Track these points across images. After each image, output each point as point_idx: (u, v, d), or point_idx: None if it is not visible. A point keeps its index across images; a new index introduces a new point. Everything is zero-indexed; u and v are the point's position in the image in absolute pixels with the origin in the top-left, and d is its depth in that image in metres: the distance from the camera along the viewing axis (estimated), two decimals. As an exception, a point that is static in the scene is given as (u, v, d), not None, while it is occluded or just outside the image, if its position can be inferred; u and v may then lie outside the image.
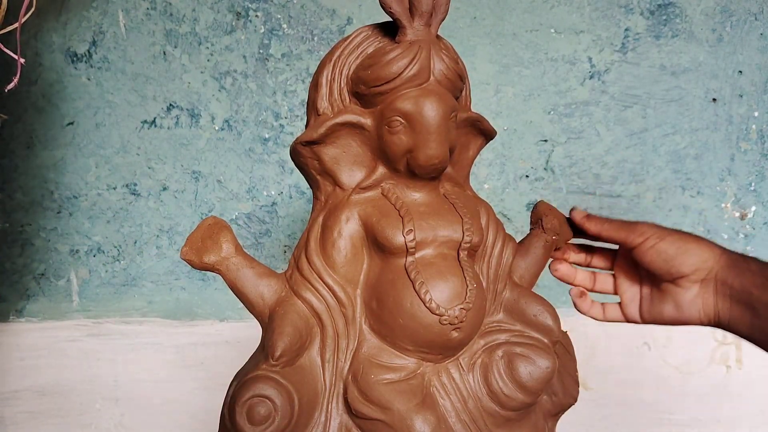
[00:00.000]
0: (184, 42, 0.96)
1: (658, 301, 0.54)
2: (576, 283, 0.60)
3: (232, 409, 0.43)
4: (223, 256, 0.48)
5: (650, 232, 0.51)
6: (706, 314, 0.51)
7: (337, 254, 0.47)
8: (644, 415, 1.03)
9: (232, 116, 0.97)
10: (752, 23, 0.99)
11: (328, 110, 0.48)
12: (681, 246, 0.50)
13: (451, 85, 0.47)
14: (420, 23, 0.45)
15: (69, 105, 0.96)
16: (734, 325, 0.50)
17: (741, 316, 0.49)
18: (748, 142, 1.01)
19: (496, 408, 0.47)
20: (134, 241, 0.99)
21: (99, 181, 0.97)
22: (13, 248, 0.98)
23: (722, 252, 0.50)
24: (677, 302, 0.52)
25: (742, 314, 0.49)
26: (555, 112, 1.00)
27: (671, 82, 1.00)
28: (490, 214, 0.52)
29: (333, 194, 0.50)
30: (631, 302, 0.57)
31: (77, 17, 0.94)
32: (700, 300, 0.51)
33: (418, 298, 0.45)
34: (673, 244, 0.50)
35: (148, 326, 1.00)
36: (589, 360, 1.01)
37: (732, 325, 0.50)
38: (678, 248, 0.50)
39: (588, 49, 0.99)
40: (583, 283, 0.60)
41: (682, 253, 0.50)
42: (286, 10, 0.96)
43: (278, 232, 1.01)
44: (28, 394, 0.98)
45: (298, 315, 0.47)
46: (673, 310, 0.52)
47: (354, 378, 0.46)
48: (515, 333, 0.50)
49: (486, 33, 0.98)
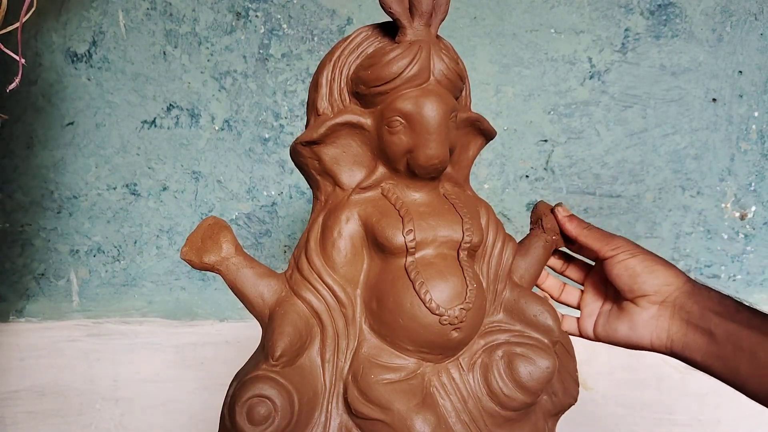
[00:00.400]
0: (184, 42, 0.96)
1: (615, 318, 0.54)
2: (543, 287, 0.61)
3: (232, 409, 0.43)
4: (223, 256, 0.48)
5: (624, 247, 0.52)
6: (658, 337, 0.51)
7: (337, 254, 0.47)
8: (644, 415, 1.03)
9: (232, 116, 0.97)
10: (752, 23, 0.99)
11: (328, 110, 0.48)
12: (648, 266, 0.51)
13: (451, 85, 0.47)
14: (420, 23, 0.45)
15: (69, 105, 0.96)
16: (687, 351, 0.50)
17: (696, 342, 0.49)
18: (748, 142, 1.01)
19: (496, 408, 0.47)
20: (134, 241, 0.99)
21: (99, 181, 0.97)
22: (13, 248, 0.98)
23: (687, 280, 0.51)
24: (632, 321, 0.52)
25: (697, 340, 0.49)
26: (555, 112, 1.00)
27: (671, 82, 1.00)
28: (490, 214, 0.52)
29: (333, 194, 0.50)
30: (588, 317, 0.57)
31: (77, 17, 0.94)
32: (655, 322, 0.51)
33: (418, 298, 0.45)
34: (642, 263, 0.51)
35: (148, 326, 1.00)
36: (589, 360, 1.01)
37: (685, 350, 0.50)
38: (645, 267, 0.51)
39: (588, 49, 0.99)
40: (551, 290, 0.61)
41: (648, 273, 0.51)
42: (286, 10, 0.96)
43: (278, 232, 1.01)
44: (27, 394, 0.98)
45: (298, 315, 0.47)
46: (627, 329, 0.53)
47: (354, 378, 0.46)
48: (515, 333, 0.50)
49: (486, 33, 0.98)
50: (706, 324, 0.48)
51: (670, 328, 0.51)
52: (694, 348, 0.49)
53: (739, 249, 1.04)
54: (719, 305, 0.48)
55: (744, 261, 1.05)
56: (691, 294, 0.50)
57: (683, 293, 0.50)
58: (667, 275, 0.51)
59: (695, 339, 0.49)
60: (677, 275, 0.51)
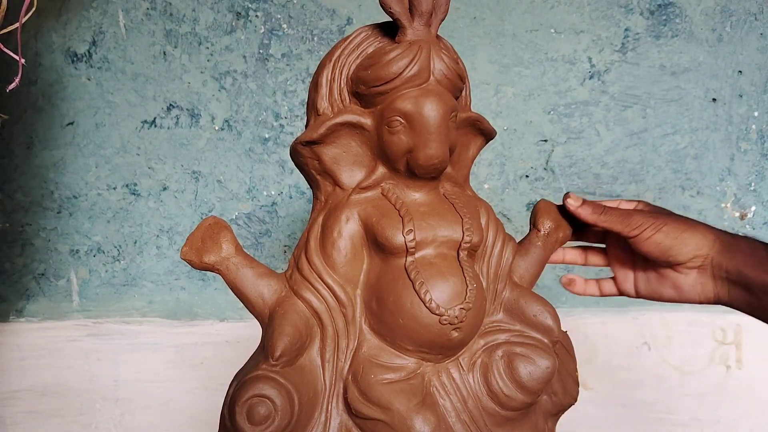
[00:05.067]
0: (184, 42, 0.96)
1: (656, 282, 0.56)
2: (566, 260, 0.62)
3: (232, 409, 0.43)
4: (223, 256, 0.48)
5: (646, 223, 0.52)
6: (706, 296, 0.53)
7: (337, 254, 0.47)
8: (644, 415, 1.03)
9: (232, 116, 0.97)
10: (752, 23, 0.99)
11: (328, 110, 0.48)
12: (676, 236, 0.52)
13: (451, 85, 0.47)
14: (420, 23, 0.45)
15: (69, 105, 0.96)
16: (734, 304, 0.52)
17: (739, 297, 0.51)
18: (748, 142, 1.01)
19: (496, 408, 0.47)
20: (134, 241, 0.99)
21: (99, 181, 0.97)
22: (13, 248, 0.98)
23: (716, 237, 0.52)
24: (677, 286, 0.54)
25: (739, 295, 0.51)
26: (555, 112, 1.00)
27: (671, 82, 1.00)
28: (490, 214, 0.52)
29: (333, 194, 0.50)
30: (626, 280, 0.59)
31: (77, 17, 0.94)
32: (699, 284, 0.53)
33: (418, 298, 0.45)
34: (669, 235, 0.52)
35: (148, 326, 1.00)
36: (589, 360, 1.01)
37: (733, 304, 0.52)
38: (674, 239, 0.52)
39: (588, 49, 0.99)
40: (575, 260, 0.62)
41: (678, 244, 0.52)
42: (286, 10, 0.96)
43: (278, 232, 1.01)
44: (28, 394, 0.98)
45: (298, 315, 0.47)
46: (673, 291, 0.55)
47: (354, 378, 0.46)
48: (515, 333, 0.50)
49: (486, 33, 0.98)
50: (743, 280, 0.50)
51: (715, 287, 0.52)
52: (739, 302, 0.52)
53: (739, 249, 1.04)
54: (751, 257, 0.50)
55: (744, 261, 1.04)
56: (724, 251, 0.51)
57: (717, 253, 0.51)
58: (697, 239, 0.52)
59: (737, 294, 0.51)
60: (705, 235, 0.52)
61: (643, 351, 1.02)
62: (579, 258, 0.62)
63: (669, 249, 0.52)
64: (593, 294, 0.62)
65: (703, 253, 0.51)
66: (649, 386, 1.03)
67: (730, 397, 1.02)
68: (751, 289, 0.50)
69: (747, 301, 0.51)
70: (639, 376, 1.03)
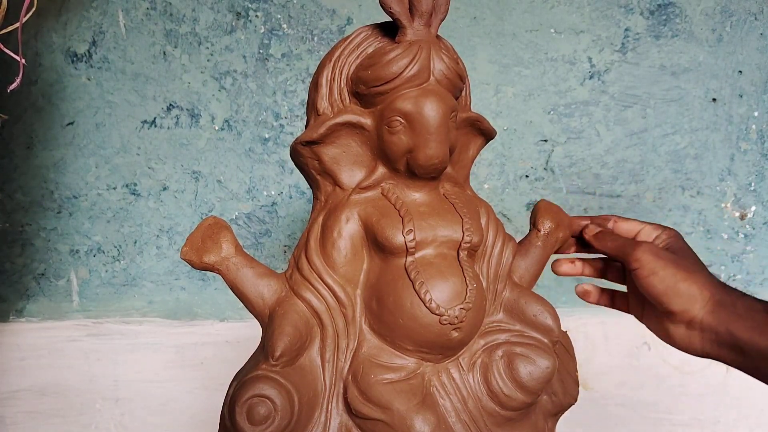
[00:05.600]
0: (184, 42, 0.96)
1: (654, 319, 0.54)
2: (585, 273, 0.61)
3: (232, 409, 0.43)
4: (223, 256, 0.48)
5: (645, 260, 0.50)
6: (694, 349, 0.51)
7: (337, 254, 0.47)
8: (644, 415, 1.03)
9: (232, 116, 0.97)
10: (752, 23, 0.99)
11: (328, 110, 0.48)
12: (671, 285, 0.49)
13: (451, 85, 0.47)
14: (420, 23, 0.45)
15: (69, 105, 0.96)
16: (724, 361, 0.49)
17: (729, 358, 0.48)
18: (748, 142, 1.01)
19: (496, 408, 0.47)
20: (134, 241, 0.99)
21: (99, 181, 0.97)
22: (13, 248, 0.98)
23: (711, 295, 0.49)
24: (667, 330, 0.52)
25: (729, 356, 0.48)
26: (555, 112, 1.00)
27: (671, 82, 1.00)
28: (490, 214, 0.52)
29: (333, 194, 0.50)
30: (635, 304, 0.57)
31: (77, 17, 0.94)
32: (687, 338, 0.51)
33: (418, 298, 0.45)
34: (663, 282, 0.50)
35: (148, 326, 1.00)
36: (589, 360, 1.01)
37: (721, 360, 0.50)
38: (667, 287, 0.49)
39: (588, 49, 0.99)
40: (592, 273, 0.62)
41: (671, 293, 0.49)
42: (286, 10, 0.96)
43: (278, 232, 1.01)
44: (28, 394, 0.98)
45: (298, 315, 0.47)
46: (665, 334, 0.53)
47: (354, 378, 0.46)
48: (515, 333, 0.50)
49: (486, 33, 0.98)
50: (735, 343, 0.47)
51: (701, 344, 0.50)
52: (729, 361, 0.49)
53: (739, 249, 1.04)
54: (748, 320, 0.46)
55: (744, 261, 1.05)
56: (715, 312, 0.48)
57: (708, 313, 0.48)
58: (691, 293, 0.49)
59: (728, 355, 0.48)
60: (702, 290, 0.49)
61: (643, 351, 1.02)
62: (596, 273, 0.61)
63: (661, 296, 0.50)
64: (605, 305, 0.61)
65: (695, 309, 0.49)
66: (649, 386, 1.03)
67: (730, 397, 1.02)
68: (745, 353, 0.47)
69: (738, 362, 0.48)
70: (639, 376, 1.03)
